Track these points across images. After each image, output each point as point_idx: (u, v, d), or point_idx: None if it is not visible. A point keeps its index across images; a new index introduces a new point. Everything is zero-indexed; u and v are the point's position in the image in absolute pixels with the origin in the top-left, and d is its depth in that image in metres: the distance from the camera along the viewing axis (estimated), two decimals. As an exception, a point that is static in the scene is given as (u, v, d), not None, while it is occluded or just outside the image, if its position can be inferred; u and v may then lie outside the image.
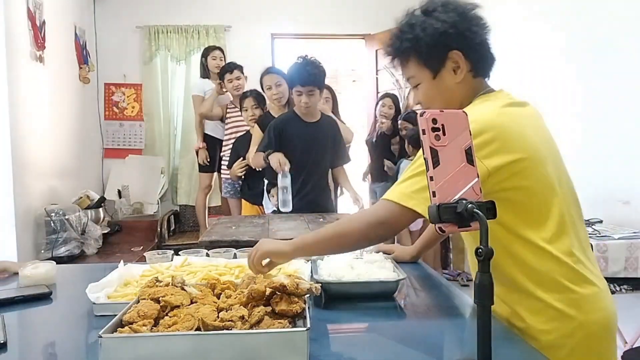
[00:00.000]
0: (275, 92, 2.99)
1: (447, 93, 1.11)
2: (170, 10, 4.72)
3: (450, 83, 1.10)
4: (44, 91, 3.49)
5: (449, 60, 1.09)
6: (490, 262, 0.70)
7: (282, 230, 2.15)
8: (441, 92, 1.12)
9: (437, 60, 1.09)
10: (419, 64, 1.11)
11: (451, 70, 1.09)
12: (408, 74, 1.15)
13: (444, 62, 1.09)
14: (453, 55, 1.08)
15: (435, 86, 1.11)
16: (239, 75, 3.72)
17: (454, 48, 1.07)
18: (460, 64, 1.08)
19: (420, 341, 0.99)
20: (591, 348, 1.01)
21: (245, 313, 0.84)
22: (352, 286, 1.18)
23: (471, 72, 1.10)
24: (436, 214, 0.72)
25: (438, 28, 1.06)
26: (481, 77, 1.13)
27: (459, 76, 1.09)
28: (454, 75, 1.10)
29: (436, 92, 1.12)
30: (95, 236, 3.57)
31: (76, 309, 1.15)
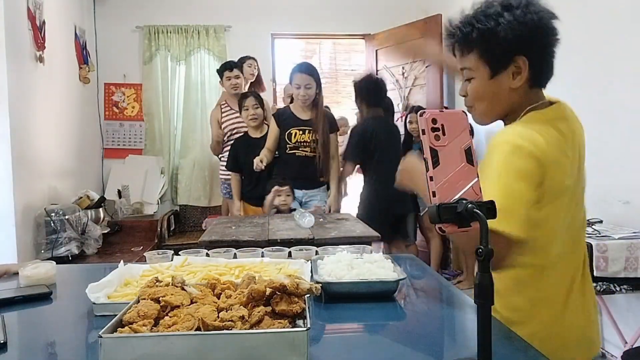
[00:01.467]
0: (303, 93, 2.98)
1: (498, 96, 1.07)
2: (170, 10, 4.72)
3: (505, 87, 1.05)
4: (44, 91, 3.49)
5: (512, 64, 1.03)
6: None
7: (282, 230, 2.15)
8: (492, 94, 1.07)
9: (501, 60, 1.04)
10: (480, 58, 1.05)
11: (510, 74, 1.04)
12: (465, 64, 1.09)
13: (507, 65, 1.04)
14: (518, 60, 1.03)
15: (489, 86, 1.06)
16: (238, 74, 3.70)
17: (522, 53, 1.02)
18: (522, 71, 1.03)
19: (420, 341, 0.99)
20: None
21: (245, 313, 0.84)
22: (352, 286, 1.18)
23: (529, 81, 1.05)
24: (436, 214, 0.72)
25: (514, 29, 1.00)
26: (537, 88, 1.08)
27: (517, 82, 1.04)
28: (511, 80, 1.04)
29: (487, 92, 1.07)
30: (95, 236, 3.57)
31: (76, 309, 1.15)
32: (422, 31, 4.49)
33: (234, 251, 1.57)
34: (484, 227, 0.69)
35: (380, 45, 4.91)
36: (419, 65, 4.54)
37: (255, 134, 3.29)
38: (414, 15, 4.64)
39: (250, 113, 3.24)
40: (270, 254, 1.53)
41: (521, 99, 1.06)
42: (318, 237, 1.96)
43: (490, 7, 1.03)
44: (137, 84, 4.76)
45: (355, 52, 5.68)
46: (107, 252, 3.64)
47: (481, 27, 1.03)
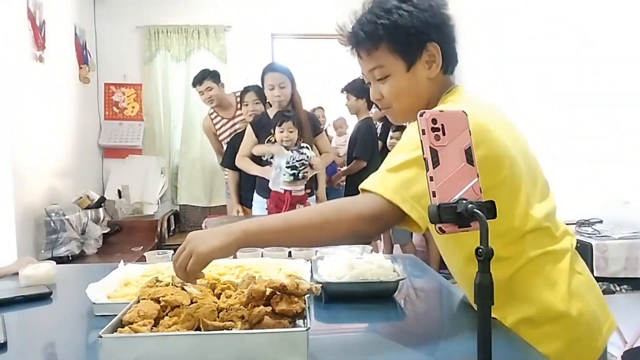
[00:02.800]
0: (278, 93, 2.81)
1: (418, 88, 1.04)
2: (170, 10, 4.72)
3: (422, 78, 1.03)
4: (44, 91, 3.49)
5: (426, 53, 1.02)
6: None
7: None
8: (411, 87, 1.04)
9: (414, 50, 1.01)
10: (392, 53, 1.02)
11: (425, 64, 1.02)
12: (375, 63, 1.04)
13: (420, 54, 1.01)
14: (430, 47, 1.01)
15: (407, 80, 1.03)
16: (209, 85, 3.46)
17: (432, 40, 1.01)
18: (435, 58, 1.02)
19: (420, 341, 0.99)
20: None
21: (245, 313, 0.84)
22: (352, 286, 1.18)
23: (442, 68, 1.04)
24: (436, 214, 0.72)
25: (419, 16, 0.99)
26: (448, 74, 1.07)
27: (433, 71, 1.03)
28: (427, 70, 1.02)
29: (406, 87, 1.04)
30: (95, 236, 3.57)
31: (76, 309, 1.15)
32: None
33: (234, 251, 1.57)
34: (484, 227, 0.69)
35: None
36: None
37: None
38: (414, 15, 4.63)
39: (250, 109, 3.14)
40: (270, 254, 1.53)
41: (437, 88, 1.05)
42: (318, 237, 1.96)
43: (385, 2, 1.02)
44: (137, 84, 4.76)
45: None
46: (107, 252, 3.64)
47: (385, 22, 1.00)
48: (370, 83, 1.10)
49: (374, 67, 1.05)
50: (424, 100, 1.05)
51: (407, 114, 1.08)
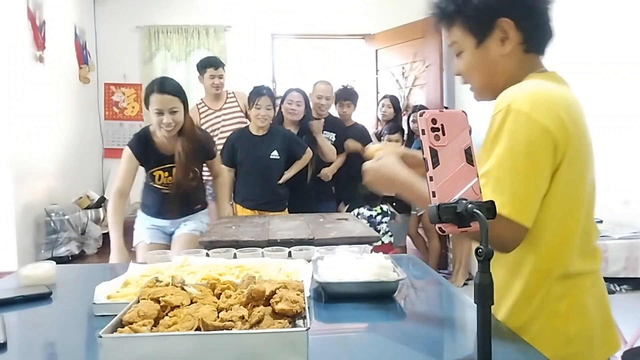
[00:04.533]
0: (294, 107, 3.25)
1: (491, 66, 1.00)
2: (170, 10, 4.73)
3: (495, 54, 0.98)
4: (44, 91, 3.49)
5: (497, 29, 0.96)
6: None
7: (282, 230, 2.15)
8: (484, 64, 1.00)
9: (484, 27, 0.97)
10: (464, 29, 1.00)
11: (498, 40, 0.97)
12: (451, 39, 1.03)
13: (491, 30, 0.97)
14: (502, 23, 0.96)
15: (479, 56, 1.00)
16: (222, 74, 3.54)
17: (505, 15, 0.95)
18: (509, 34, 0.96)
19: (420, 341, 0.99)
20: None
21: (245, 313, 0.84)
22: (352, 286, 1.18)
23: (522, 45, 0.97)
24: (436, 214, 0.72)
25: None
26: (534, 54, 1.00)
27: (506, 47, 0.97)
28: (500, 47, 0.97)
29: (478, 63, 1.00)
30: (95, 236, 3.58)
31: (76, 309, 1.15)
32: (423, 31, 4.50)
33: (234, 251, 1.57)
34: (484, 227, 0.69)
35: (380, 45, 4.91)
36: (419, 65, 4.55)
37: (258, 131, 3.11)
38: (414, 15, 4.64)
39: (262, 113, 3.03)
40: (270, 254, 1.53)
41: (518, 67, 0.99)
42: (318, 237, 1.96)
43: None
44: (137, 84, 4.76)
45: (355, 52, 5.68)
46: (107, 252, 3.60)
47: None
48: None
49: (451, 42, 1.05)
50: (499, 79, 1.00)
51: (484, 90, 1.06)
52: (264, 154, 3.04)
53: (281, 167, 3.11)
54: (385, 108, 4.26)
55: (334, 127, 3.63)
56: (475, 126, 3.04)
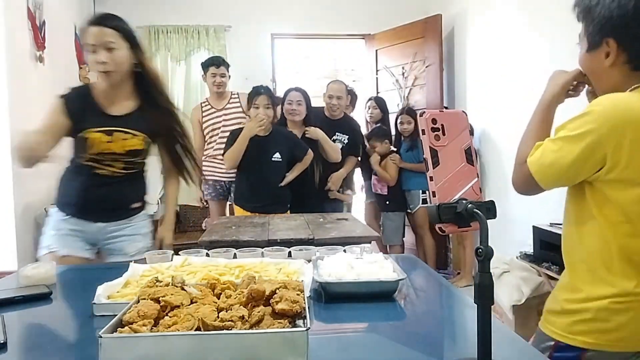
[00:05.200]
0: (295, 107, 3.17)
1: (596, 72, 1.10)
2: (170, 10, 4.72)
3: (599, 64, 1.08)
4: (44, 91, 3.49)
5: (605, 44, 1.06)
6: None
7: (282, 230, 2.15)
8: (591, 68, 1.11)
9: (595, 39, 1.07)
10: (584, 31, 1.10)
11: (603, 53, 1.07)
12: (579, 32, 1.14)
13: (599, 44, 1.07)
14: (608, 42, 1.05)
15: (587, 59, 1.11)
16: (224, 72, 3.54)
17: (612, 36, 1.04)
18: (611, 54, 1.05)
19: (420, 341, 0.99)
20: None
21: (245, 313, 0.84)
22: (352, 286, 1.18)
23: (628, 64, 1.05)
24: (436, 214, 0.72)
25: (606, 11, 1.04)
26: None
27: (608, 62, 1.06)
28: (604, 59, 1.07)
29: (586, 65, 1.12)
30: (95, 236, 3.57)
31: (76, 309, 1.15)
32: (423, 31, 4.50)
33: (234, 251, 1.57)
34: (484, 227, 0.69)
35: (380, 45, 4.91)
36: (419, 65, 4.55)
37: (260, 132, 3.04)
38: (414, 15, 4.64)
39: (260, 112, 2.97)
40: (270, 254, 1.53)
41: (622, 81, 1.07)
42: (318, 237, 1.96)
43: None
44: (137, 84, 4.75)
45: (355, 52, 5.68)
46: (107, 252, 3.63)
47: (584, 4, 1.09)
48: None
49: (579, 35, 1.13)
50: (604, 85, 1.10)
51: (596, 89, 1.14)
52: (265, 155, 3.00)
53: (283, 169, 3.07)
54: (371, 110, 4.27)
55: (348, 129, 3.62)
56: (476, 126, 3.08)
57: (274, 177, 3.05)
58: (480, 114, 3.82)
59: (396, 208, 4.07)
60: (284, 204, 3.09)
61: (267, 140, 3.03)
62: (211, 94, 3.64)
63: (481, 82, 4.02)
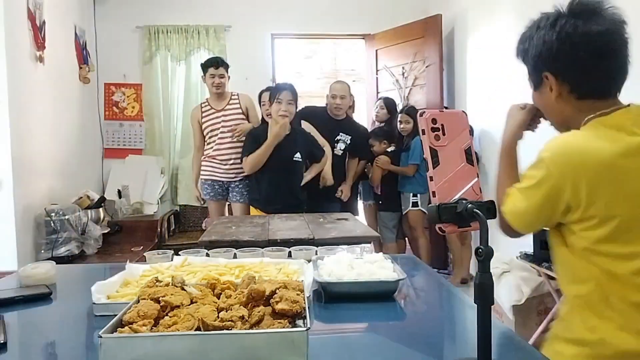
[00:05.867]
0: (284, 107, 2.92)
1: (548, 107, 1.11)
2: (170, 10, 4.72)
3: (548, 99, 1.10)
4: (44, 91, 3.49)
5: (545, 80, 1.08)
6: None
7: (282, 230, 2.15)
8: (542, 104, 1.13)
9: (535, 77, 1.10)
10: (527, 71, 1.13)
11: (547, 88, 1.09)
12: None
13: (541, 80, 1.09)
14: (547, 76, 1.07)
15: (537, 97, 1.13)
16: (223, 73, 3.51)
17: (548, 70, 1.06)
18: (552, 86, 1.07)
19: (420, 341, 0.99)
20: None
21: (245, 313, 0.84)
22: (352, 286, 1.18)
23: (572, 93, 1.06)
24: (436, 214, 0.72)
25: (535, 50, 1.07)
26: (591, 99, 1.05)
27: (553, 94, 1.08)
28: (549, 93, 1.08)
29: (538, 103, 1.14)
30: (95, 236, 3.57)
31: (76, 309, 1.15)
32: (423, 31, 4.50)
33: (234, 251, 1.57)
34: (484, 227, 0.69)
35: (380, 45, 4.91)
36: (419, 65, 4.55)
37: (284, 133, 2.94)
38: (414, 15, 4.64)
39: (282, 108, 2.88)
40: (270, 254, 1.53)
41: (572, 110, 1.07)
42: (318, 237, 1.96)
43: (527, 29, 1.12)
44: (137, 84, 4.76)
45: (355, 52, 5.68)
46: (107, 252, 3.64)
47: (519, 47, 1.13)
48: None
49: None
50: (557, 119, 1.12)
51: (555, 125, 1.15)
52: (287, 155, 2.92)
53: (302, 169, 3.03)
54: (378, 109, 4.27)
55: (351, 130, 3.62)
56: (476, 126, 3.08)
57: (294, 177, 2.99)
58: (480, 114, 3.82)
59: (390, 208, 4.09)
60: (301, 206, 3.01)
61: (288, 140, 2.92)
62: (211, 95, 3.63)
63: (481, 82, 4.02)
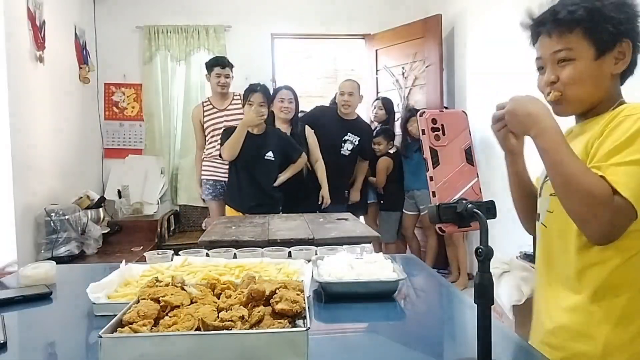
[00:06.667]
0: (287, 105, 3.25)
1: (599, 80, 1.01)
2: (170, 10, 4.72)
3: (607, 71, 1.01)
4: (44, 91, 3.49)
5: (619, 46, 0.99)
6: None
7: (282, 230, 2.15)
8: (594, 77, 1.01)
9: (608, 41, 0.99)
10: (586, 37, 1.00)
11: (614, 58, 1.00)
12: (563, 45, 1.02)
13: (612, 47, 0.99)
14: (624, 44, 0.99)
15: (592, 68, 1.00)
16: (228, 73, 3.57)
17: (627, 37, 0.99)
18: (625, 56, 1.00)
19: (420, 341, 0.99)
20: None
21: (245, 313, 0.84)
22: (352, 286, 1.18)
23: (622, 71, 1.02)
24: (436, 214, 0.72)
25: (622, 10, 0.98)
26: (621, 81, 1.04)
27: (619, 67, 1.01)
28: (613, 65, 1.00)
29: (589, 75, 1.01)
30: (95, 236, 3.57)
31: (76, 309, 1.15)
32: (423, 31, 4.50)
33: (234, 251, 1.57)
34: (484, 227, 0.69)
35: (380, 45, 4.91)
36: (419, 65, 4.55)
37: (254, 130, 3.04)
38: (414, 15, 4.64)
39: (254, 109, 2.95)
40: (270, 254, 1.53)
41: (614, 89, 1.03)
42: (318, 237, 1.96)
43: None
44: (137, 84, 4.75)
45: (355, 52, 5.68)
46: (107, 252, 3.64)
47: (588, 6, 1.00)
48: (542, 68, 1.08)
49: (561, 48, 1.02)
50: (600, 95, 1.02)
51: (579, 103, 1.05)
52: (258, 154, 3.00)
53: (275, 169, 3.07)
54: (376, 110, 4.29)
55: (360, 130, 3.63)
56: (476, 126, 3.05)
57: (266, 176, 3.03)
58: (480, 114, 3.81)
59: (391, 208, 4.13)
60: (275, 205, 3.06)
61: (260, 139, 3.02)
62: (214, 94, 3.64)
63: (481, 82, 4.01)
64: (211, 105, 3.61)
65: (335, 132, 3.53)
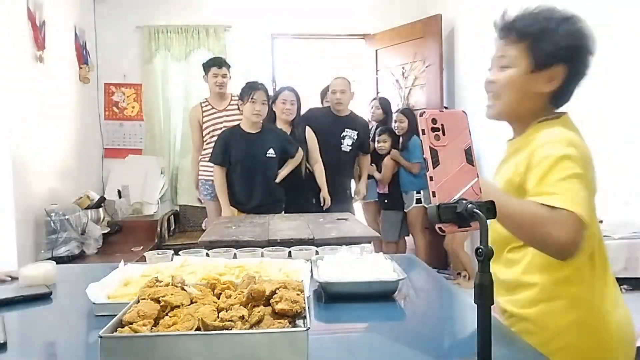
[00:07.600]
0: (289, 107, 3.24)
1: (527, 94, 1.10)
2: (170, 10, 4.72)
3: (537, 86, 1.09)
4: (44, 91, 3.49)
5: (552, 68, 1.07)
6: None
7: (282, 230, 2.15)
8: (523, 89, 1.10)
9: (545, 60, 1.07)
10: (527, 50, 1.08)
11: (546, 77, 1.08)
12: (507, 52, 1.11)
13: (548, 66, 1.07)
14: (559, 68, 1.07)
15: (524, 79, 1.09)
16: (225, 73, 3.56)
17: (565, 64, 1.07)
18: (554, 80, 1.08)
19: (420, 341, 0.99)
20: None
21: (245, 313, 0.84)
22: (352, 286, 1.18)
23: (553, 94, 1.10)
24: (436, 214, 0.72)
25: (571, 36, 1.06)
26: (552, 106, 1.12)
27: (548, 87, 1.09)
28: (545, 83, 1.09)
29: (520, 84, 1.09)
30: (95, 236, 3.57)
31: (76, 309, 1.15)
32: (423, 31, 4.50)
33: (234, 251, 1.57)
34: (484, 227, 0.69)
35: (380, 45, 4.91)
36: (419, 65, 4.55)
37: (252, 129, 3.03)
38: (414, 15, 4.64)
39: (256, 108, 2.93)
40: (270, 254, 1.53)
41: (539, 108, 1.11)
42: (318, 237, 1.96)
43: (554, 13, 1.09)
44: (137, 84, 4.75)
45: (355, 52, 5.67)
46: (107, 252, 3.64)
47: (544, 25, 1.07)
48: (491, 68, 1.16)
49: (505, 55, 1.12)
50: (526, 108, 1.11)
51: (506, 110, 1.14)
52: (259, 152, 2.99)
53: (276, 165, 3.08)
54: (374, 109, 4.30)
55: (356, 125, 3.63)
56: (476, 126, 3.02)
57: (269, 174, 3.04)
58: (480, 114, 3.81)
59: (394, 207, 4.13)
60: (279, 204, 3.08)
61: (259, 137, 3.02)
62: (212, 95, 3.64)
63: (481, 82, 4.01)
64: (210, 106, 3.60)
65: (332, 130, 3.53)
